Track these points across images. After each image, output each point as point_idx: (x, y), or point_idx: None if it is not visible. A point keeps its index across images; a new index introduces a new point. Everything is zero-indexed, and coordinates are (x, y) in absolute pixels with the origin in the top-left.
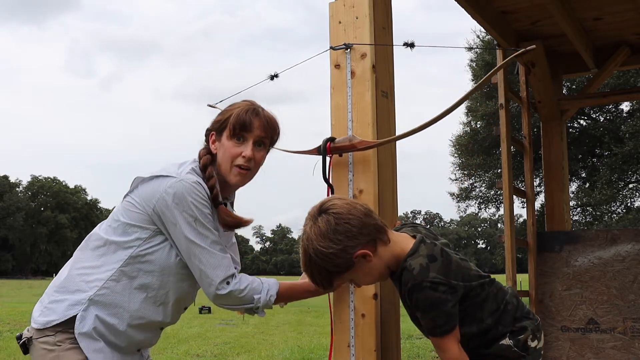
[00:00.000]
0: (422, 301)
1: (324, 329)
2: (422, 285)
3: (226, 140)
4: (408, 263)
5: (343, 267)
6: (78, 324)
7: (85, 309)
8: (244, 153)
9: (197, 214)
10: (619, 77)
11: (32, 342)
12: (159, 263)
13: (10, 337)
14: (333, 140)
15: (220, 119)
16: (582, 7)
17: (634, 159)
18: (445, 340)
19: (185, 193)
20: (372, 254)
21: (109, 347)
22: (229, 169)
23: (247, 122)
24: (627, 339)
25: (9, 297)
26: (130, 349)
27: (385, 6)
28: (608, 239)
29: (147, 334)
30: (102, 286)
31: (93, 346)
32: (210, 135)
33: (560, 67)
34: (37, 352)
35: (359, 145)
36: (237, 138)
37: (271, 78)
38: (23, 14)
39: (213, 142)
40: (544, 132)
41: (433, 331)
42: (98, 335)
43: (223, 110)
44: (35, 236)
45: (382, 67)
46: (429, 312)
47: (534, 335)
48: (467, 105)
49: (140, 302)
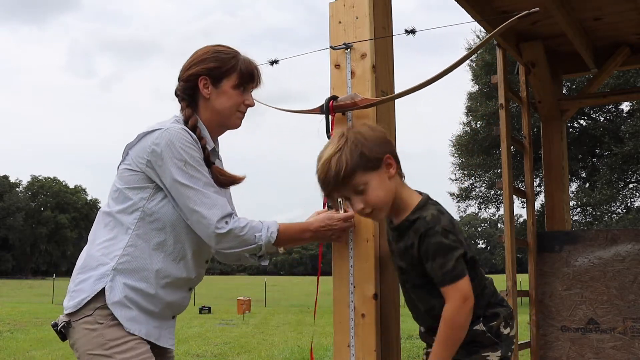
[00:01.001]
0: (433, 245)
1: (324, 329)
2: (435, 229)
3: (230, 89)
4: (420, 214)
5: (373, 160)
6: (108, 294)
7: (112, 279)
8: (248, 102)
9: (187, 157)
10: (619, 77)
11: (71, 325)
12: (167, 219)
13: (10, 337)
14: (335, 99)
15: (216, 66)
16: (582, 7)
17: (634, 159)
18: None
19: (173, 139)
20: (394, 165)
21: (143, 314)
22: (232, 114)
23: (255, 77)
24: (627, 339)
25: (9, 297)
26: (165, 314)
27: (385, 6)
28: (608, 239)
29: (177, 295)
30: (122, 254)
31: (127, 314)
32: (200, 80)
33: (560, 67)
34: (79, 334)
35: (361, 103)
36: (242, 88)
37: (271, 63)
38: (23, 14)
39: (205, 86)
40: (544, 132)
41: (444, 278)
42: (130, 303)
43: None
44: (35, 236)
45: (382, 67)
46: (440, 258)
47: (507, 323)
48: (467, 105)
49: (161, 261)
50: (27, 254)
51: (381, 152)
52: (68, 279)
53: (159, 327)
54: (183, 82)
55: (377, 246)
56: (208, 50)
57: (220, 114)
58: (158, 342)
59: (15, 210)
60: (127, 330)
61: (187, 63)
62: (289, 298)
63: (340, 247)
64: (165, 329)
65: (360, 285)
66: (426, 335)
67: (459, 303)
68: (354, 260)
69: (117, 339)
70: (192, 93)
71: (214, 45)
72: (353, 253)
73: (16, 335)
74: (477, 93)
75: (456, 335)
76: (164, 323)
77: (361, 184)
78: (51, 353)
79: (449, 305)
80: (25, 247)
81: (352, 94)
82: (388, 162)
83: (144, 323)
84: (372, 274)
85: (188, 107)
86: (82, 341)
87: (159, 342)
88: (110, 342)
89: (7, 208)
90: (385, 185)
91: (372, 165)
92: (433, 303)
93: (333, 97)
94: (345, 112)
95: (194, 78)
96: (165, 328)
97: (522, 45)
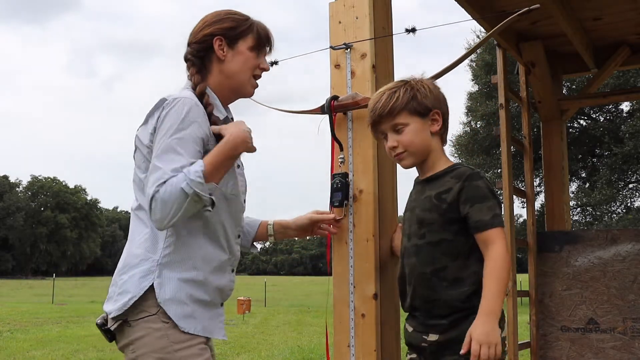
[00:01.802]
0: (481, 189)
1: (324, 329)
2: (479, 174)
3: (247, 51)
4: (459, 166)
5: (421, 107)
6: (159, 292)
7: (159, 275)
8: (263, 65)
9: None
10: (619, 77)
11: (129, 324)
12: None
13: (10, 337)
14: (337, 99)
15: (233, 26)
16: (582, 7)
17: (634, 159)
18: (502, 231)
19: (172, 113)
20: (439, 123)
21: (199, 306)
22: (248, 78)
23: (271, 40)
24: (627, 339)
25: (9, 297)
26: (216, 301)
27: (385, 6)
28: (608, 239)
29: (225, 278)
30: (164, 246)
31: (182, 311)
32: (215, 40)
33: (560, 67)
34: (139, 333)
35: (362, 102)
36: (258, 51)
37: (271, 64)
38: (25, 14)
39: (220, 47)
40: (544, 132)
41: (492, 221)
42: (185, 298)
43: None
44: (35, 236)
45: (382, 67)
46: (487, 200)
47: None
48: (467, 105)
49: (205, 244)
50: (27, 254)
51: (431, 105)
52: (68, 279)
53: (212, 319)
54: (196, 43)
55: (377, 246)
56: (220, 12)
57: (235, 77)
58: (212, 335)
59: (15, 210)
60: (182, 329)
61: (199, 26)
62: (289, 298)
63: (341, 247)
64: (216, 318)
65: (360, 285)
66: (411, 320)
67: (505, 244)
68: (354, 260)
69: (181, 342)
70: (204, 56)
71: (224, 9)
72: (353, 253)
73: (16, 335)
74: (477, 93)
75: (506, 274)
76: (214, 313)
77: (402, 124)
78: (51, 353)
79: (497, 244)
80: (25, 247)
81: (353, 93)
82: (434, 117)
83: (199, 318)
84: (372, 274)
85: (197, 74)
86: (144, 341)
87: (213, 335)
88: (175, 344)
89: (7, 208)
90: (424, 135)
91: (419, 111)
92: (445, 263)
93: (334, 97)
94: (346, 112)
95: (209, 38)
96: (216, 318)
97: (522, 45)
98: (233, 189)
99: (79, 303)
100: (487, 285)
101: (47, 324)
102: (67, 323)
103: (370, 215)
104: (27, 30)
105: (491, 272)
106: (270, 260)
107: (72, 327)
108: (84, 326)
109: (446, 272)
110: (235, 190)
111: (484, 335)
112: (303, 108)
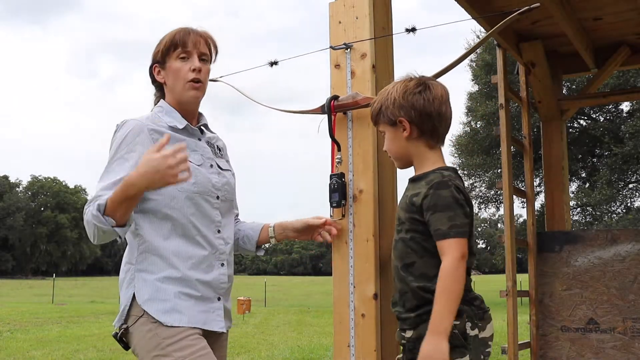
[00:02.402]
0: (444, 198)
1: (324, 329)
2: (449, 183)
3: (173, 63)
4: (438, 171)
5: (388, 118)
6: (138, 295)
7: (137, 280)
8: (192, 66)
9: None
10: (619, 77)
11: (129, 330)
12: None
13: (10, 337)
14: (337, 99)
15: (157, 50)
16: (582, 7)
17: (634, 159)
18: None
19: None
20: (408, 130)
21: (184, 301)
22: (182, 86)
23: (185, 38)
24: (627, 339)
25: (9, 297)
26: (207, 294)
27: (385, 6)
28: (608, 239)
29: (210, 273)
30: (138, 254)
31: (162, 307)
32: (154, 69)
33: (560, 67)
34: (137, 337)
35: (362, 102)
36: (181, 58)
37: (271, 65)
38: (26, 15)
39: (158, 73)
40: (544, 132)
41: (449, 231)
42: (163, 294)
43: (157, 44)
44: (35, 236)
45: (382, 67)
46: (448, 210)
47: (474, 324)
48: (467, 105)
49: (177, 244)
50: (27, 254)
51: (396, 114)
52: (68, 279)
53: (206, 311)
54: (150, 76)
55: (377, 246)
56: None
57: (174, 90)
58: (205, 326)
59: (15, 210)
60: (166, 324)
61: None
62: (289, 298)
63: (341, 247)
64: (211, 311)
65: (360, 285)
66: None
67: (458, 256)
68: (354, 260)
69: (171, 337)
70: (159, 86)
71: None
72: (353, 253)
73: (16, 335)
74: (477, 93)
75: (459, 289)
76: (208, 306)
77: (382, 131)
78: (51, 353)
79: (449, 257)
80: (25, 247)
81: (353, 93)
82: (403, 125)
83: (184, 311)
84: (372, 274)
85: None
86: (141, 344)
87: (206, 326)
88: (166, 339)
89: (7, 208)
90: (398, 142)
91: (388, 121)
92: (413, 259)
93: (334, 96)
94: (346, 112)
95: (150, 69)
96: (210, 311)
97: (522, 45)
98: (197, 187)
99: (79, 303)
100: (435, 303)
101: (47, 324)
102: (67, 323)
103: (370, 215)
104: (27, 31)
105: (439, 289)
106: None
107: (72, 327)
108: (84, 326)
109: (414, 267)
110: (201, 189)
111: (427, 355)
112: (303, 108)
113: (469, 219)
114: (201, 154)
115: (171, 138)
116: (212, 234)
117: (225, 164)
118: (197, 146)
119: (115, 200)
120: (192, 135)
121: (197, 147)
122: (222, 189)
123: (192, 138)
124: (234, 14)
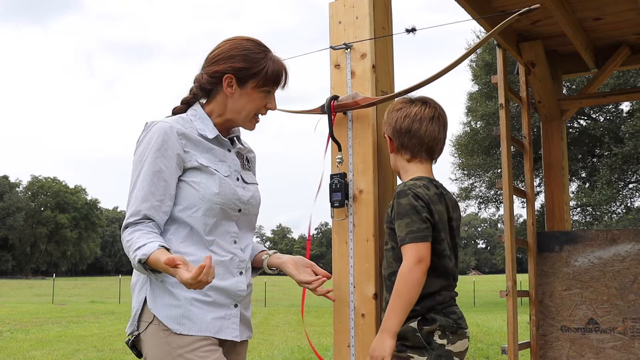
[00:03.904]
0: (402, 206)
1: (324, 329)
2: (407, 192)
3: (255, 92)
4: (407, 182)
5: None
6: (150, 299)
7: (150, 284)
8: (270, 106)
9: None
10: (619, 77)
11: (140, 338)
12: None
13: (10, 337)
14: (337, 99)
15: (245, 67)
16: (582, 7)
17: (634, 159)
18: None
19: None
20: (391, 147)
21: (196, 307)
22: (247, 116)
23: (282, 79)
24: (627, 339)
25: (9, 297)
26: (223, 301)
27: (385, 6)
28: (608, 239)
29: (227, 280)
30: None
31: (174, 313)
32: (226, 78)
33: (560, 67)
34: (148, 345)
35: (362, 102)
36: (267, 92)
37: None
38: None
39: (229, 84)
40: (544, 132)
41: (406, 236)
42: (175, 300)
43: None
44: (35, 236)
45: (382, 67)
46: (405, 217)
47: (444, 334)
48: (467, 105)
49: (193, 250)
50: (27, 254)
51: (384, 131)
52: (68, 279)
53: (221, 318)
54: (207, 75)
55: (377, 246)
56: (237, 45)
57: (238, 114)
58: (219, 334)
59: (15, 210)
60: (177, 332)
61: (213, 56)
62: (289, 298)
63: (341, 247)
64: (229, 319)
65: (360, 285)
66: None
67: (413, 261)
68: (354, 260)
69: (183, 347)
70: (212, 89)
71: (242, 40)
72: (353, 253)
73: (16, 335)
74: (477, 93)
75: (410, 292)
76: (223, 313)
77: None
78: (51, 353)
79: (405, 261)
80: (25, 247)
81: (353, 93)
82: (390, 142)
83: (196, 319)
84: (372, 274)
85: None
86: (153, 352)
87: (219, 334)
88: (178, 349)
89: (7, 208)
90: (390, 156)
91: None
92: (395, 268)
93: (334, 96)
94: (346, 112)
95: (220, 75)
96: (225, 318)
97: (522, 45)
98: (220, 199)
99: (79, 303)
100: (389, 302)
101: (47, 324)
102: (67, 323)
103: (370, 215)
104: (28, 31)
105: (393, 291)
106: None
107: (72, 327)
108: (84, 326)
109: (395, 275)
110: (224, 200)
111: (372, 350)
112: (303, 108)
113: (430, 223)
114: (229, 166)
115: (199, 146)
116: (228, 244)
117: (251, 177)
118: (226, 157)
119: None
120: (222, 145)
121: (226, 158)
122: (247, 202)
123: (221, 148)
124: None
